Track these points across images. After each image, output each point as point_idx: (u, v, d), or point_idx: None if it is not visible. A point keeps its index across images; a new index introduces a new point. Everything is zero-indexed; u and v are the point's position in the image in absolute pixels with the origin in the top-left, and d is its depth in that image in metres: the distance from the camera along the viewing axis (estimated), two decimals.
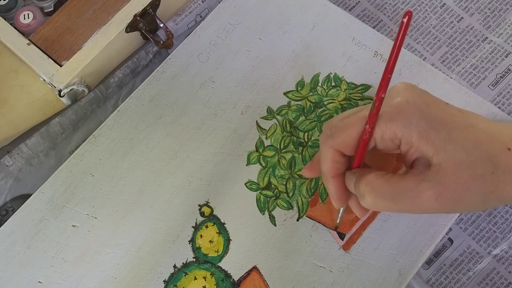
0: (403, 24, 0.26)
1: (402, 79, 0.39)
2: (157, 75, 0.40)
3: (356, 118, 0.29)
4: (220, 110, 0.39)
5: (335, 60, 0.40)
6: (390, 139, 0.29)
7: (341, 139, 0.30)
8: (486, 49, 0.42)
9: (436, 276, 0.36)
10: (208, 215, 0.36)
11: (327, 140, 0.30)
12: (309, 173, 0.34)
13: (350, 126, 0.29)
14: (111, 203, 0.37)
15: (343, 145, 0.30)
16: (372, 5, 0.45)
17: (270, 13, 0.42)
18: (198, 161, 0.38)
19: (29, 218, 0.36)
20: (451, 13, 0.44)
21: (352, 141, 0.29)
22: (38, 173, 0.39)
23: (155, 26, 0.42)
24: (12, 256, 0.36)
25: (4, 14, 0.45)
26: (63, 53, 0.41)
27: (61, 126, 0.40)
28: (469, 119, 0.29)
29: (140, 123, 0.39)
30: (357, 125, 0.29)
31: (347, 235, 0.35)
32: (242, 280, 0.34)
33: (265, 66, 0.40)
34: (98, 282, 0.35)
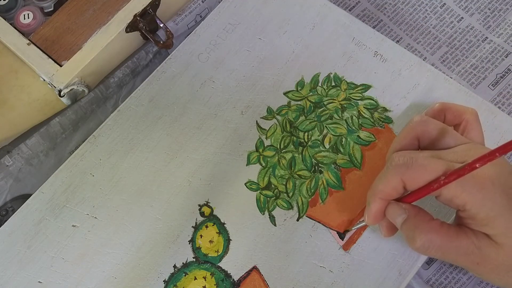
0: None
1: (402, 79, 0.39)
2: (157, 75, 0.40)
3: (439, 165, 0.29)
4: (220, 110, 0.39)
5: (335, 60, 0.40)
6: (457, 204, 0.29)
7: (416, 175, 0.29)
8: (486, 49, 0.42)
9: (436, 276, 0.36)
10: (208, 215, 0.36)
11: (401, 168, 0.29)
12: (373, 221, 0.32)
13: (430, 170, 0.29)
14: (111, 203, 0.37)
15: (412, 181, 0.29)
16: (372, 5, 0.45)
17: (270, 13, 0.42)
18: (198, 161, 0.38)
19: (29, 218, 0.36)
20: (451, 13, 0.44)
21: (423, 183, 0.29)
22: (38, 173, 0.39)
23: (155, 26, 0.42)
24: (12, 256, 0.36)
25: (4, 14, 0.45)
26: (63, 53, 0.41)
27: (61, 126, 0.40)
28: None
29: (140, 123, 0.39)
30: (438, 172, 0.28)
31: (347, 235, 0.35)
32: (242, 280, 0.34)
33: (265, 66, 0.40)
34: (98, 282, 0.35)
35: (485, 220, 0.28)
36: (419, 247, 0.29)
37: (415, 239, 0.29)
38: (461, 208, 0.29)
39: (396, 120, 0.38)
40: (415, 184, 0.29)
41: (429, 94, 0.38)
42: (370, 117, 0.38)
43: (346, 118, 0.38)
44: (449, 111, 0.34)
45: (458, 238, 0.29)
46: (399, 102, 0.38)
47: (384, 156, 0.36)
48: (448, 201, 0.29)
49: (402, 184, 0.30)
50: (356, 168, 0.36)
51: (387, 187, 0.30)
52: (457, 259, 0.29)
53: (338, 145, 0.37)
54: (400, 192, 0.30)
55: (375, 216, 0.31)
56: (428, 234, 0.29)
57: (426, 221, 0.29)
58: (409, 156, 0.30)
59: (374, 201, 0.31)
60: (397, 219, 0.30)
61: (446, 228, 0.29)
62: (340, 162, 0.37)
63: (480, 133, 0.33)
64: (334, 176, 0.36)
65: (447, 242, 0.29)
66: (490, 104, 0.38)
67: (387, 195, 0.30)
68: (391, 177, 0.30)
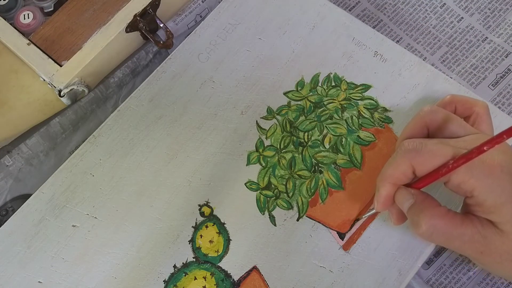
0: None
1: (402, 79, 0.39)
2: (157, 75, 0.40)
3: (448, 150, 0.29)
4: (220, 110, 0.39)
5: (335, 60, 0.40)
6: (465, 190, 0.29)
7: (425, 160, 0.29)
8: (486, 49, 0.42)
9: (436, 276, 0.36)
10: (208, 215, 0.36)
11: (410, 152, 0.30)
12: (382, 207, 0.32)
13: (439, 154, 0.29)
14: (111, 203, 0.37)
15: (421, 166, 0.29)
16: (372, 5, 0.45)
17: (270, 13, 0.42)
18: (198, 161, 0.38)
19: (29, 218, 0.36)
20: (451, 13, 0.44)
21: (432, 167, 0.29)
22: (38, 173, 0.39)
23: (155, 26, 0.42)
24: (12, 256, 0.36)
25: (4, 14, 0.45)
26: (63, 53, 0.41)
27: (61, 126, 0.40)
28: None
29: (140, 123, 0.39)
30: (446, 157, 0.29)
31: (347, 235, 0.35)
32: (242, 280, 0.34)
33: (265, 66, 0.40)
34: (98, 282, 0.35)
35: (492, 207, 0.28)
36: (424, 232, 0.29)
37: (419, 223, 0.29)
38: (468, 194, 0.29)
39: (396, 120, 0.38)
40: (424, 168, 0.29)
41: (429, 94, 0.38)
42: (370, 117, 0.38)
43: (346, 118, 0.38)
44: (459, 103, 0.34)
45: (464, 225, 0.29)
46: (399, 102, 0.38)
47: (384, 156, 0.36)
48: (456, 187, 0.29)
49: (411, 168, 0.30)
50: (356, 168, 0.36)
51: (396, 171, 0.30)
52: (461, 247, 0.29)
53: (338, 145, 0.37)
54: (409, 177, 0.30)
55: (384, 201, 0.31)
56: (433, 219, 0.29)
57: (432, 207, 0.29)
58: (419, 142, 0.30)
59: (383, 185, 0.31)
60: (405, 204, 0.30)
61: (452, 215, 0.29)
62: (340, 162, 0.37)
63: (490, 126, 0.33)
64: (334, 176, 0.36)
65: (452, 229, 0.29)
66: (490, 104, 0.38)
67: (396, 180, 0.30)
68: (401, 162, 0.30)
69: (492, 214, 0.28)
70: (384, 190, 0.31)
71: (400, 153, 0.30)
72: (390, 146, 0.37)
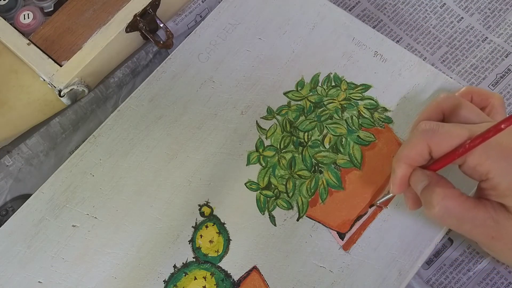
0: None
1: (402, 79, 0.39)
2: (157, 75, 0.40)
3: (465, 131, 0.29)
4: (220, 110, 0.39)
5: (335, 60, 0.40)
6: (480, 172, 0.29)
7: (442, 140, 0.29)
8: (486, 49, 0.42)
9: (436, 276, 0.36)
10: (208, 215, 0.36)
11: (427, 133, 0.30)
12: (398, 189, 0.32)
13: (456, 135, 0.29)
14: (111, 203, 0.37)
15: (437, 146, 0.29)
16: (372, 5, 0.45)
17: (270, 13, 0.42)
18: (198, 161, 0.38)
19: (29, 218, 0.36)
20: (451, 13, 0.44)
21: (448, 148, 0.29)
22: (38, 173, 0.39)
23: (155, 26, 0.42)
24: (12, 256, 0.36)
25: (4, 14, 0.45)
26: (63, 53, 0.41)
27: (61, 126, 0.40)
28: None
29: (140, 123, 0.39)
30: (463, 138, 0.29)
31: (347, 235, 0.35)
32: (242, 280, 0.34)
33: (265, 66, 0.40)
34: (98, 282, 0.35)
35: (507, 190, 0.28)
36: (436, 213, 0.29)
37: (432, 204, 0.29)
38: (483, 177, 0.29)
39: (396, 120, 0.38)
40: (440, 149, 0.29)
41: (429, 94, 0.38)
42: (370, 117, 0.38)
43: (346, 118, 0.38)
44: (476, 94, 0.34)
45: (476, 208, 0.29)
46: (399, 102, 0.38)
47: (384, 156, 0.36)
48: (471, 169, 0.29)
49: (427, 149, 0.30)
50: (356, 168, 0.36)
51: (412, 152, 0.30)
52: (472, 231, 0.29)
53: (338, 145, 0.37)
54: (425, 158, 0.30)
55: (400, 183, 0.31)
56: (445, 200, 0.29)
57: (446, 188, 0.29)
58: (435, 123, 0.30)
59: (399, 166, 0.31)
60: (419, 185, 0.30)
61: (465, 198, 0.29)
62: (340, 162, 0.37)
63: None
64: (334, 176, 0.36)
65: (464, 211, 0.29)
66: None
67: (412, 161, 0.30)
68: (417, 142, 0.30)
69: (506, 198, 0.28)
70: (399, 171, 0.31)
71: (417, 133, 0.30)
72: (390, 146, 0.37)
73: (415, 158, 0.30)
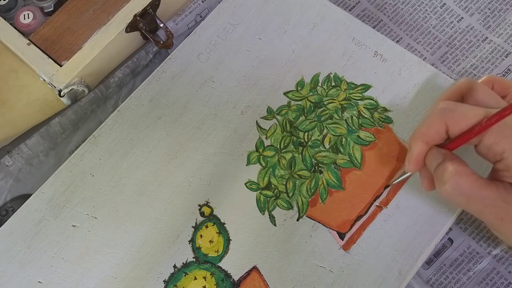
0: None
1: (402, 79, 0.39)
2: (157, 75, 0.40)
3: (481, 110, 0.29)
4: (220, 110, 0.39)
5: (335, 60, 0.40)
6: (495, 152, 0.29)
7: (459, 118, 0.30)
8: (486, 49, 0.42)
9: (436, 276, 0.36)
10: (208, 215, 0.36)
11: (445, 111, 0.30)
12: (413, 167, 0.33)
13: (473, 114, 0.29)
14: (111, 203, 0.37)
15: (454, 124, 0.30)
16: (372, 5, 0.45)
17: (270, 13, 0.42)
18: (198, 161, 0.38)
19: (29, 218, 0.36)
20: (451, 13, 0.44)
21: (465, 127, 0.30)
22: (38, 173, 0.39)
23: (155, 26, 0.42)
24: (12, 256, 0.36)
25: (4, 14, 0.45)
26: (63, 53, 0.41)
27: (61, 126, 0.40)
28: None
29: (140, 123, 0.39)
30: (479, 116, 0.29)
31: (347, 235, 0.35)
32: (242, 280, 0.34)
33: (265, 66, 0.40)
34: (98, 282, 0.35)
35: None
36: (446, 189, 0.29)
37: (444, 180, 0.29)
38: (498, 157, 0.29)
39: (396, 120, 0.38)
40: (457, 127, 0.30)
41: (429, 94, 0.38)
42: (370, 117, 0.38)
43: (346, 118, 0.38)
44: (497, 83, 0.34)
45: (487, 188, 0.29)
46: (399, 102, 0.38)
47: (384, 156, 0.36)
48: (487, 149, 0.29)
49: (444, 127, 0.30)
50: (356, 168, 0.36)
51: (429, 130, 0.30)
52: (482, 211, 0.29)
53: (338, 145, 0.37)
54: (442, 136, 0.31)
55: (416, 160, 0.31)
56: (457, 177, 0.29)
57: (459, 165, 0.29)
58: (453, 103, 0.30)
59: (416, 144, 0.31)
60: (434, 163, 0.30)
61: (477, 177, 0.29)
62: (340, 162, 0.37)
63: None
64: (334, 176, 0.36)
65: (475, 190, 0.29)
66: None
67: (429, 138, 0.31)
68: (435, 120, 0.30)
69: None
70: (416, 148, 0.31)
71: (435, 111, 0.31)
72: (390, 146, 0.37)
73: (432, 136, 0.31)
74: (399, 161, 0.36)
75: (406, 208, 0.35)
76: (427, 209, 0.35)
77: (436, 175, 0.30)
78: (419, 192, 0.35)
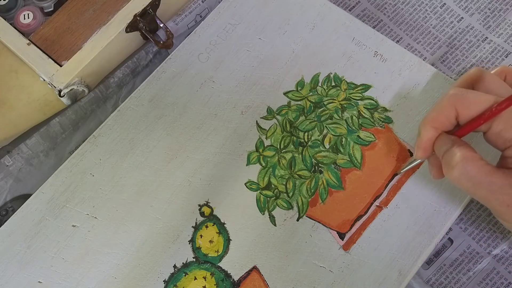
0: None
1: (402, 79, 0.39)
2: (157, 75, 0.40)
3: (491, 97, 0.30)
4: (220, 110, 0.39)
5: (335, 60, 0.40)
6: (504, 138, 0.29)
7: (469, 104, 0.30)
8: (486, 49, 0.42)
9: (436, 276, 0.36)
10: (208, 215, 0.36)
11: (455, 96, 0.30)
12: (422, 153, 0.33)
13: (483, 100, 0.30)
14: (111, 203, 0.37)
15: (464, 110, 0.30)
16: (372, 5, 0.45)
17: (270, 13, 0.42)
18: (198, 161, 0.38)
19: (29, 218, 0.36)
20: (451, 13, 0.44)
21: (475, 113, 0.30)
22: (38, 173, 0.39)
23: (155, 26, 0.42)
24: (12, 256, 0.36)
25: (4, 14, 0.45)
26: (63, 53, 0.41)
27: (61, 126, 0.40)
28: None
29: (140, 123, 0.39)
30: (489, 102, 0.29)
31: (347, 235, 0.35)
32: (242, 280, 0.34)
33: (265, 66, 0.40)
34: (98, 282, 0.35)
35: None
36: (454, 174, 0.29)
37: (451, 164, 0.29)
38: (508, 143, 0.29)
39: (396, 120, 0.38)
40: (467, 113, 0.30)
41: (429, 94, 0.38)
42: (370, 117, 0.38)
43: (346, 118, 0.38)
44: (509, 74, 0.34)
45: (495, 174, 0.29)
46: (399, 102, 0.38)
47: (384, 156, 0.36)
48: (496, 135, 0.29)
49: (455, 113, 0.30)
50: (356, 168, 0.36)
51: (440, 115, 0.31)
52: (488, 197, 0.29)
53: (338, 145, 0.37)
54: (452, 122, 0.31)
55: (425, 146, 0.31)
56: (465, 162, 0.29)
57: (467, 151, 0.29)
58: (464, 89, 0.31)
59: (425, 129, 0.31)
60: (442, 149, 0.30)
61: (484, 162, 0.29)
62: (340, 162, 0.37)
63: None
64: (334, 176, 0.36)
65: (482, 175, 0.29)
66: None
67: (439, 124, 0.31)
68: (445, 105, 0.30)
69: None
70: (426, 134, 0.31)
71: (445, 97, 0.31)
72: (390, 146, 0.37)
73: (442, 121, 0.31)
74: (399, 161, 0.36)
75: (406, 208, 0.35)
76: (427, 209, 0.35)
77: (444, 160, 0.30)
78: (419, 192, 0.35)
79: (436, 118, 0.31)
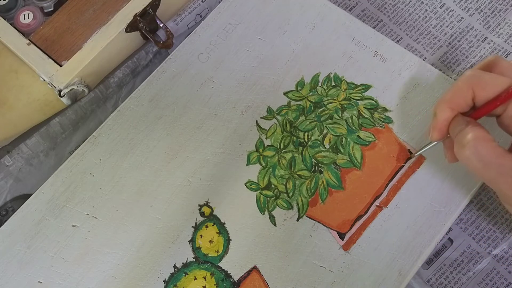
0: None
1: (402, 79, 0.39)
2: (157, 75, 0.40)
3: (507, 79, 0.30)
4: (220, 110, 0.39)
5: (335, 60, 0.40)
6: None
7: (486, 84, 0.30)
8: (486, 49, 0.42)
9: (436, 276, 0.36)
10: (208, 215, 0.36)
11: (472, 77, 0.30)
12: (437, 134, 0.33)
13: (500, 81, 0.30)
14: (111, 203, 0.37)
15: (481, 91, 0.30)
16: (372, 5, 0.45)
17: (270, 13, 0.42)
18: (198, 161, 0.38)
19: (29, 218, 0.36)
20: (451, 13, 0.44)
21: (491, 94, 0.30)
22: (38, 173, 0.39)
23: (155, 26, 0.42)
24: (12, 256, 0.36)
25: (4, 14, 0.45)
26: (63, 53, 0.41)
27: (61, 126, 0.40)
28: None
29: (140, 123, 0.39)
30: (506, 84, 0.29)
31: (347, 235, 0.35)
32: (242, 280, 0.34)
33: (265, 66, 0.40)
34: (98, 282, 0.35)
35: None
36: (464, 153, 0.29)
37: (463, 143, 0.29)
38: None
39: (396, 120, 0.38)
40: (484, 94, 0.30)
41: (429, 94, 0.38)
42: (370, 117, 0.38)
43: (346, 118, 0.38)
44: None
45: (506, 157, 0.29)
46: (399, 102, 0.38)
47: (384, 156, 0.36)
48: (510, 119, 0.30)
49: (471, 94, 0.30)
50: (356, 168, 0.36)
51: (456, 96, 0.31)
52: (496, 179, 0.29)
53: (338, 145, 0.37)
54: (468, 103, 0.31)
55: (440, 127, 0.31)
56: (476, 141, 0.29)
57: (480, 131, 0.29)
58: (481, 71, 0.31)
59: (441, 110, 0.31)
60: (457, 129, 0.30)
61: (496, 144, 0.29)
62: (340, 162, 0.37)
63: None
64: (334, 176, 0.36)
65: (492, 157, 0.29)
66: None
67: (455, 105, 0.31)
68: (462, 86, 0.30)
69: None
70: (442, 114, 0.31)
71: (462, 78, 0.31)
72: (390, 146, 0.37)
73: (458, 102, 0.31)
74: (399, 161, 0.36)
75: (406, 208, 0.35)
76: (427, 209, 0.35)
77: (457, 140, 0.30)
78: (419, 192, 0.35)
79: (453, 99, 0.31)
